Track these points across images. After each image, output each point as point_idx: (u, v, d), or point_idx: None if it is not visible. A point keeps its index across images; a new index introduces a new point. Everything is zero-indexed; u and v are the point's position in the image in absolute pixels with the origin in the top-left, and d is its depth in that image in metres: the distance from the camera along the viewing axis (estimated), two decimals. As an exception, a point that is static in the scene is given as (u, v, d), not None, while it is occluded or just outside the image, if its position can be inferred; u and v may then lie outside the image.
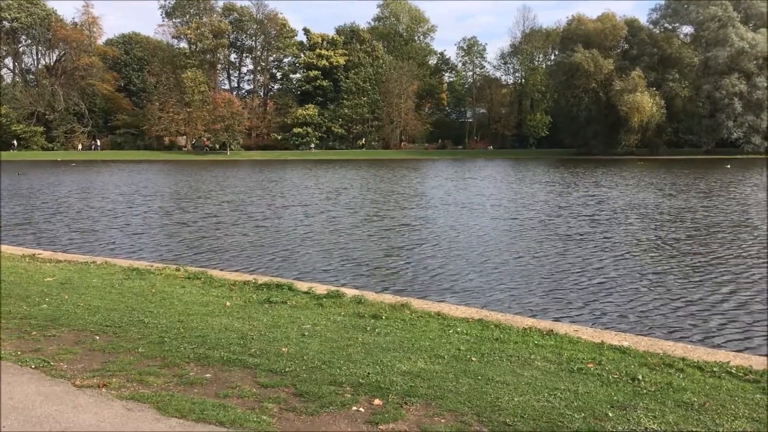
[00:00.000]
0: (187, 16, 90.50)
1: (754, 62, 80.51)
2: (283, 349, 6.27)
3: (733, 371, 6.01)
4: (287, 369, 5.67)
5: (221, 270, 12.50)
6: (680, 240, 17.38)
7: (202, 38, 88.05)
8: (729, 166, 55.76)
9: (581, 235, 18.23)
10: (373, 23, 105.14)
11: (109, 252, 15.47)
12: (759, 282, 12.14)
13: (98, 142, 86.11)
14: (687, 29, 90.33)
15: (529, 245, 16.46)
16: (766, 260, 14.16)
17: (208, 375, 5.56)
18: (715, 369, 6.07)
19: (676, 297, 11.09)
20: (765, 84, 79.55)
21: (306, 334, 6.93)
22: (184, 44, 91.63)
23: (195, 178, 45.02)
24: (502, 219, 21.91)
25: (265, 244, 16.72)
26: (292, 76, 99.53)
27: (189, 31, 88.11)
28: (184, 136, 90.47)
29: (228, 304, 8.54)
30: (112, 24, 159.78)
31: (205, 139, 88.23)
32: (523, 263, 14.20)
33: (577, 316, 9.92)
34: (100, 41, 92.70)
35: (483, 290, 11.60)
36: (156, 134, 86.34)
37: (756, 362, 6.56)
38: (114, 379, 5.38)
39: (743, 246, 16.28)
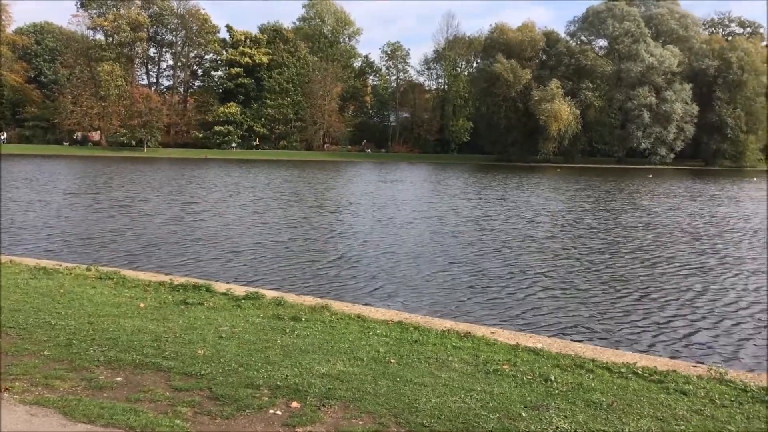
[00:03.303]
0: (104, 8, 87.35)
1: (663, 77, 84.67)
2: (199, 352, 6.12)
3: (639, 372, 6.28)
4: (203, 372, 5.54)
5: (133, 269, 12.11)
6: (550, 238, 18.82)
7: (119, 30, 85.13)
8: (651, 176, 58.52)
9: (464, 233, 19.50)
10: (297, 23, 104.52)
11: (13, 250, 14.71)
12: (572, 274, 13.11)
13: (4, 135, 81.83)
14: (602, 42, 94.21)
15: (406, 242, 17.55)
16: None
17: (118, 378, 5.36)
18: (622, 370, 6.32)
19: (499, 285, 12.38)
20: (673, 97, 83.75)
21: (223, 336, 6.80)
22: (100, 36, 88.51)
23: (104, 174, 43.46)
24: (393, 219, 22.53)
25: (154, 241, 16.33)
26: (213, 73, 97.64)
27: (106, 23, 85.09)
28: (98, 131, 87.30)
29: (142, 305, 8.28)
30: (23, 12, 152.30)
31: (91, 134, 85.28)
32: (390, 259, 14.99)
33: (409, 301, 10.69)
34: (10, 29, 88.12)
35: (341, 281, 12.47)
36: (68, 128, 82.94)
37: (660, 363, 6.87)
38: (17, 383, 5.11)
39: (588, 244, 17.79)
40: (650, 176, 58.41)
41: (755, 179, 58.59)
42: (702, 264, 15.01)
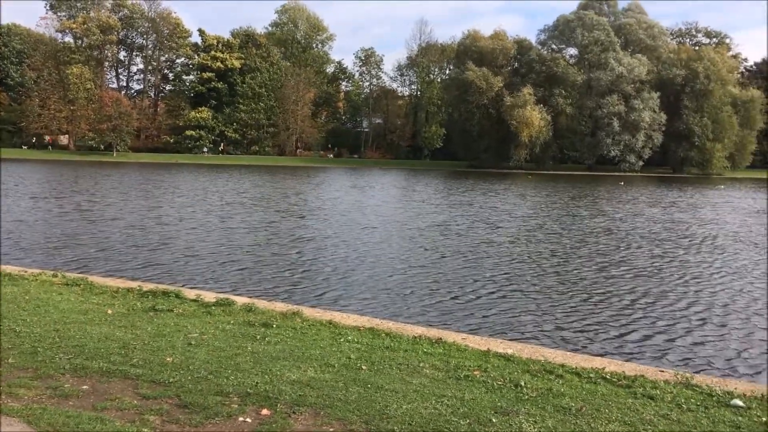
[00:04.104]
0: (74, 10, 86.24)
1: (632, 85, 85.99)
2: (168, 359, 6.05)
3: (607, 377, 6.35)
4: (171, 379, 5.47)
5: (102, 275, 11.93)
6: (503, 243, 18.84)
7: (88, 33, 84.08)
8: (623, 183, 59.21)
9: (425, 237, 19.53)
10: (270, 28, 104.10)
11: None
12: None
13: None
14: (572, 51, 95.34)
15: (369, 246, 17.68)
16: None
17: (85, 387, 5.28)
18: (591, 375, 6.38)
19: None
20: (641, 106, 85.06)
21: (192, 343, 6.72)
22: (69, 39, 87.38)
23: (69, 179, 42.82)
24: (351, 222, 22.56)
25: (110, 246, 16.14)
26: (185, 77, 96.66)
27: (75, 26, 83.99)
28: (66, 135, 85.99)
29: (110, 312, 8.16)
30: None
31: (49, 137, 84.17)
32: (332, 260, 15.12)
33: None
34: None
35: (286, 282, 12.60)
36: (35, 132, 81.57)
37: (628, 368, 6.96)
38: (-21, 393, 5.00)
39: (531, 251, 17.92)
40: (622, 183, 59.10)
41: (722, 186, 59.66)
42: (657, 268, 15.28)
